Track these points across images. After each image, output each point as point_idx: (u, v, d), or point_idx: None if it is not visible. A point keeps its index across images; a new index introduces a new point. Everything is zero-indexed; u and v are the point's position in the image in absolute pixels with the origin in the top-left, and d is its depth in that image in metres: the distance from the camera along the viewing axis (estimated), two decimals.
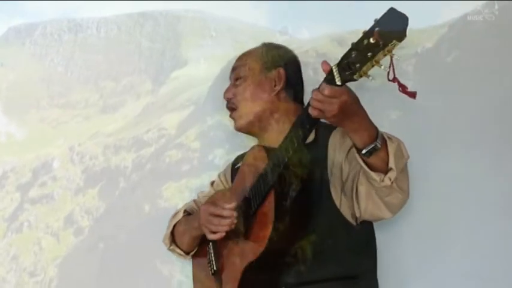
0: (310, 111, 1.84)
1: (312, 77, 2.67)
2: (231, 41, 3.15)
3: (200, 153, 3.02)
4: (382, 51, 1.66)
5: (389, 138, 1.92)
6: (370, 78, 1.72)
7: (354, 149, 1.94)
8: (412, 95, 1.74)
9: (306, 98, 2.33)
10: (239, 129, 2.38)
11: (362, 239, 2.18)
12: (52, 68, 3.33)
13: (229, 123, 2.84)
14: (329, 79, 1.79)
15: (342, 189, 2.12)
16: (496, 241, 2.68)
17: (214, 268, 2.31)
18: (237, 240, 2.17)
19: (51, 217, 3.07)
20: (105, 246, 3.00)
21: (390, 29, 1.65)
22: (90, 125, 3.24)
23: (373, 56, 1.67)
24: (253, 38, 2.87)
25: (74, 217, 3.06)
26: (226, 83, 2.74)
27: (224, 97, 2.39)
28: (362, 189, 2.02)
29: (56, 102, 3.30)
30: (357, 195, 2.05)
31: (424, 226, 2.71)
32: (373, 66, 1.70)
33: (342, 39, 2.94)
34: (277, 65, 2.36)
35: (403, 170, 1.97)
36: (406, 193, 2.00)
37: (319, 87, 1.80)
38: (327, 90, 1.78)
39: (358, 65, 1.71)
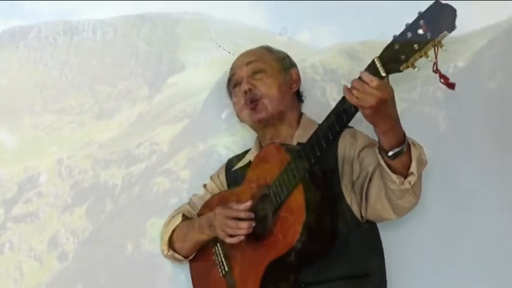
0: (349, 97, 1.77)
1: (319, 98, 2.50)
2: (230, 44, 2.79)
3: (189, 184, 2.69)
4: (431, 42, 1.62)
5: (413, 143, 1.88)
6: (416, 69, 1.68)
7: (375, 149, 1.90)
8: (452, 86, 1.69)
9: None
10: (261, 120, 2.26)
11: (371, 237, 2.14)
12: (46, 72, 2.98)
13: (222, 150, 2.60)
14: (371, 71, 1.73)
15: (352, 188, 2.08)
16: (504, 241, 2.56)
17: (226, 269, 2.21)
18: (252, 240, 2.08)
19: (35, 238, 2.74)
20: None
21: (439, 20, 1.60)
22: (84, 132, 2.92)
23: (420, 48, 1.63)
24: (253, 40, 2.63)
25: (59, 239, 2.74)
26: (221, 96, 2.50)
27: (243, 89, 2.27)
28: (373, 189, 2.00)
29: (50, 108, 2.96)
30: (367, 195, 2.02)
31: (432, 225, 2.57)
32: (421, 57, 1.66)
33: (351, 51, 2.66)
34: (292, 65, 2.34)
35: (420, 176, 1.93)
36: (418, 198, 1.97)
37: (361, 77, 1.74)
38: (374, 81, 1.72)
39: (403, 57, 1.67)
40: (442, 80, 1.68)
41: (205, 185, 2.47)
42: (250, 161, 2.34)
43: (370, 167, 2.01)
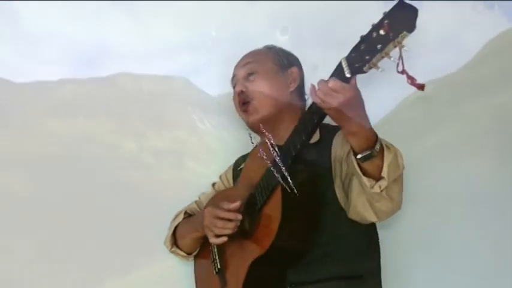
0: (313, 97, 1.77)
1: None
2: (230, 45, 2.72)
3: None
4: (392, 42, 1.59)
5: (387, 146, 1.84)
6: (380, 69, 1.65)
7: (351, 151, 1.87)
8: (421, 87, 1.62)
9: None
10: (254, 123, 2.26)
11: (366, 239, 2.10)
12: None
13: None
14: (338, 72, 1.72)
15: (343, 188, 2.05)
16: (497, 240, 2.57)
17: (218, 267, 2.23)
18: (241, 238, 2.09)
19: None
20: None
21: (400, 21, 1.58)
22: None
23: (382, 48, 1.61)
24: (253, 39, 2.59)
25: None
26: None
27: (236, 91, 2.29)
28: (354, 191, 1.95)
29: None
30: (349, 195, 1.98)
31: (426, 225, 2.56)
32: (382, 57, 1.63)
33: None
34: (292, 64, 2.30)
35: (397, 180, 1.88)
36: (396, 203, 1.92)
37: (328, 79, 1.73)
38: (331, 82, 1.72)
39: (367, 57, 1.64)
40: (409, 81, 1.62)
41: (214, 184, 2.49)
42: None
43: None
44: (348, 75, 1.70)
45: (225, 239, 2.10)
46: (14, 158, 2.69)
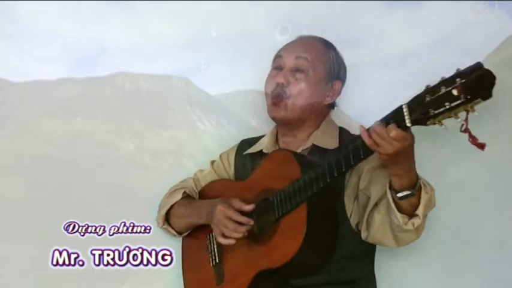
0: (366, 139, 1.72)
1: None
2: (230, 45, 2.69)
3: None
4: (464, 106, 1.53)
5: (424, 186, 1.84)
6: (443, 127, 1.60)
7: (386, 180, 1.88)
8: (481, 146, 1.61)
9: None
10: (277, 119, 2.21)
11: (363, 245, 2.08)
12: None
13: None
14: (397, 118, 1.66)
15: (356, 197, 2.05)
16: (498, 245, 2.51)
17: (217, 260, 2.20)
18: (248, 241, 2.06)
19: None
20: None
21: (476, 85, 1.50)
22: None
23: (452, 108, 1.54)
24: (253, 39, 2.60)
25: None
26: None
27: (277, 80, 2.18)
28: (378, 217, 1.95)
29: None
30: (369, 221, 1.99)
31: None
32: (450, 117, 1.57)
33: None
34: (338, 77, 2.23)
35: (426, 216, 1.89)
36: (419, 235, 1.94)
37: (385, 123, 1.69)
38: (394, 132, 1.67)
39: (433, 112, 1.58)
40: (470, 140, 1.60)
41: (213, 162, 2.44)
42: (261, 150, 2.28)
43: (379, 193, 1.97)
44: (408, 124, 1.65)
45: (232, 241, 2.07)
46: (11, 158, 2.66)
